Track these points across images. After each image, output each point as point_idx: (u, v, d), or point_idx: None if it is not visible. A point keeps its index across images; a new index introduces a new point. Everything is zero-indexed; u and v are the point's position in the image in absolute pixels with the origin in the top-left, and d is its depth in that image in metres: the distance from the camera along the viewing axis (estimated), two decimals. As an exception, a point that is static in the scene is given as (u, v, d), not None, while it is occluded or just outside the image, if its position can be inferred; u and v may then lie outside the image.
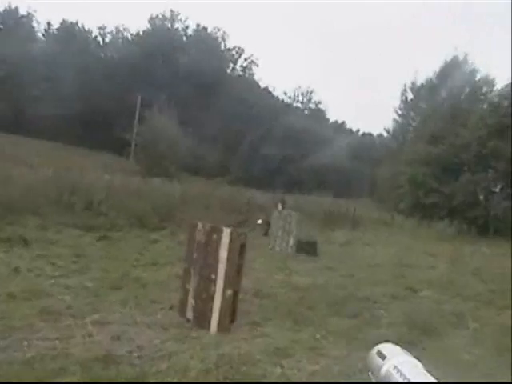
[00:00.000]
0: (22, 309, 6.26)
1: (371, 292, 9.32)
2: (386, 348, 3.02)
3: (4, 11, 60.83)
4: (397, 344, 3.42)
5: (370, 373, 2.95)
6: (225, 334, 6.02)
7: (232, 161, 52.96)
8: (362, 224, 24.57)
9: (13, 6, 60.65)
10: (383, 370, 2.77)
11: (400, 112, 54.97)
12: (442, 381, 2.62)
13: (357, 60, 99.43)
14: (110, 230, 13.41)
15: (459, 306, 8.74)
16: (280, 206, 15.51)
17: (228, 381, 4.68)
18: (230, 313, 6.25)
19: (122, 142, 44.80)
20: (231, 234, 6.20)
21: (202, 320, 6.25)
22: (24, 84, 48.90)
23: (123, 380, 4.40)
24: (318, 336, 6.41)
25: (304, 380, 4.96)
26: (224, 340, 5.78)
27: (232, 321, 6.34)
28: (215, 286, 6.23)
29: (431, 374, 2.69)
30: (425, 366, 2.95)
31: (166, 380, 4.54)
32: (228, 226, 6.56)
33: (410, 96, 54.06)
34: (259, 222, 16.73)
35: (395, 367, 2.72)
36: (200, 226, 6.51)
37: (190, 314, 6.46)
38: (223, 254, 6.19)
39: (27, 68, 49.97)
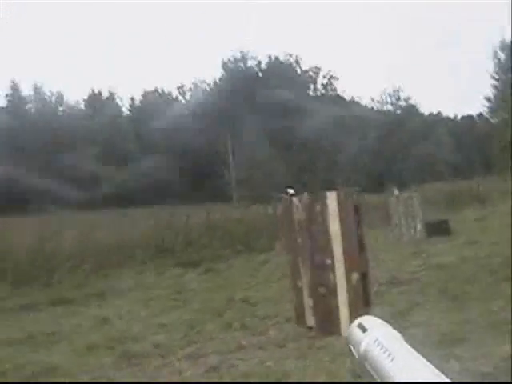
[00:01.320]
0: (96, 359, 4.81)
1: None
2: (367, 321, 2.63)
3: (89, 97, 63.34)
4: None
5: (351, 346, 2.53)
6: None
7: (335, 176, 51.00)
8: (489, 199, 21.72)
9: (96, 91, 62.93)
10: (364, 343, 2.39)
11: (497, 76, 50.31)
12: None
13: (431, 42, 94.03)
14: (215, 262, 11.98)
15: None
16: (396, 191, 13.39)
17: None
18: (363, 304, 4.47)
19: (224, 190, 44.57)
20: (338, 196, 4.48)
21: (328, 323, 4.53)
22: (119, 159, 50.03)
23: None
24: (495, 308, 4.50)
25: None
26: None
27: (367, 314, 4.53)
28: (334, 273, 4.50)
29: (412, 347, 2.16)
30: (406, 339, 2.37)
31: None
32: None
33: (502, 56, 49.37)
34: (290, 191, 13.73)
35: (376, 340, 2.32)
36: (296, 200, 4.84)
37: (310, 320, 4.75)
38: (334, 226, 4.47)
39: (121, 142, 51.42)
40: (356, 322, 2.91)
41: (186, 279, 10.23)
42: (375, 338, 2.51)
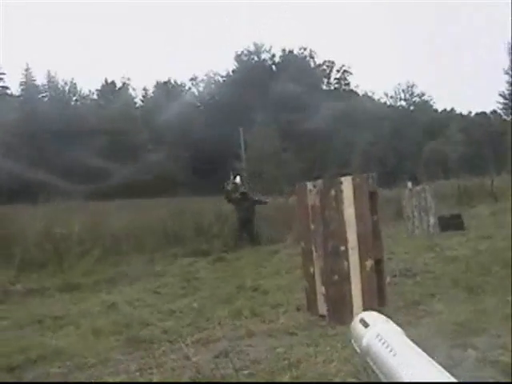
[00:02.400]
0: (103, 343, 4.73)
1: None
2: (369, 316, 2.88)
3: (102, 87, 63.47)
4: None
5: (352, 341, 2.83)
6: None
7: (346, 169, 50.84)
8: (503, 196, 21.48)
9: (109, 81, 62.97)
10: (366, 339, 2.61)
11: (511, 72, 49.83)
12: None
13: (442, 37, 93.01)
14: (226, 252, 11.92)
15: None
16: (410, 184, 13.16)
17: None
18: (377, 292, 4.35)
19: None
20: (353, 181, 4.36)
21: (341, 311, 4.42)
22: (131, 149, 49.98)
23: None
24: (509, 298, 4.42)
25: None
26: (376, 329, 3.89)
27: (381, 304, 4.43)
28: (348, 260, 4.38)
29: (414, 342, 2.43)
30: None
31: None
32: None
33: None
34: (237, 180, 14.00)
35: (378, 335, 2.54)
36: (310, 185, 4.71)
37: (322, 308, 4.64)
38: (349, 211, 4.35)
39: (133, 133, 51.32)
40: (358, 317, 2.94)
41: (196, 268, 10.15)
42: (377, 333, 2.61)
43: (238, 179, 13.94)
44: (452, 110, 70.80)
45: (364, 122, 58.20)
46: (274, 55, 68.05)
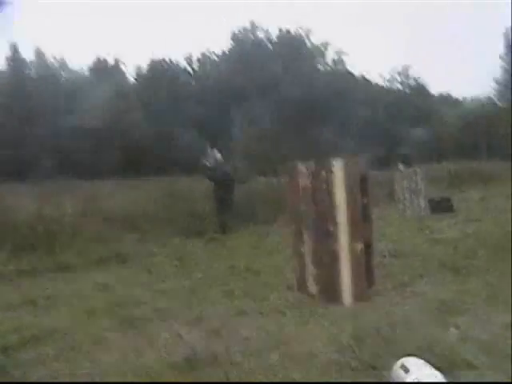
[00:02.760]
0: (95, 323, 4.79)
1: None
2: (410, 361, 2.92)
3: (94, 64, 62.66)
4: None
5: None
6: (364, 304, 4.23)
7: (341, 151, 50.86)
8: (494, 180, 21.58)
9: (101, 58, 62.26)
10: None
11: (506, 58, 49.70)
12: None
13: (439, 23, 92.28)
14: (218, 232, 11.93)
15: None
16: (402, 166, 13.24)
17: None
18: (366, 274, 4.43)
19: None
20: (345, 164, 4.40)
21: (330, 291, 4.51)
22: (125, 130, 49.55)
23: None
24: (492, 280, 4.57)
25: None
26: (364, 310, 4.02)
27: (370, 285, 4.51)
28: (337, 241, 4.44)
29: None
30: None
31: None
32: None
33: (513, 38, 48.55)
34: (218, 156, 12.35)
35: (417, 379, 2.63)
36: (302, 166, 4.76)
37: (312, 288, 4.72)
38: (339, 193, 4.40)
39: (125, 114, 50.85)
40: (399, 362, 3.01)
41: (189, 248, 10.18)
42: (417, 378, 2.73)
43: (218, 155, 12.66)
44: (448, 94, 70.75)
45: (359, 103, 58.05)
46: (270, 34, 67.52)
